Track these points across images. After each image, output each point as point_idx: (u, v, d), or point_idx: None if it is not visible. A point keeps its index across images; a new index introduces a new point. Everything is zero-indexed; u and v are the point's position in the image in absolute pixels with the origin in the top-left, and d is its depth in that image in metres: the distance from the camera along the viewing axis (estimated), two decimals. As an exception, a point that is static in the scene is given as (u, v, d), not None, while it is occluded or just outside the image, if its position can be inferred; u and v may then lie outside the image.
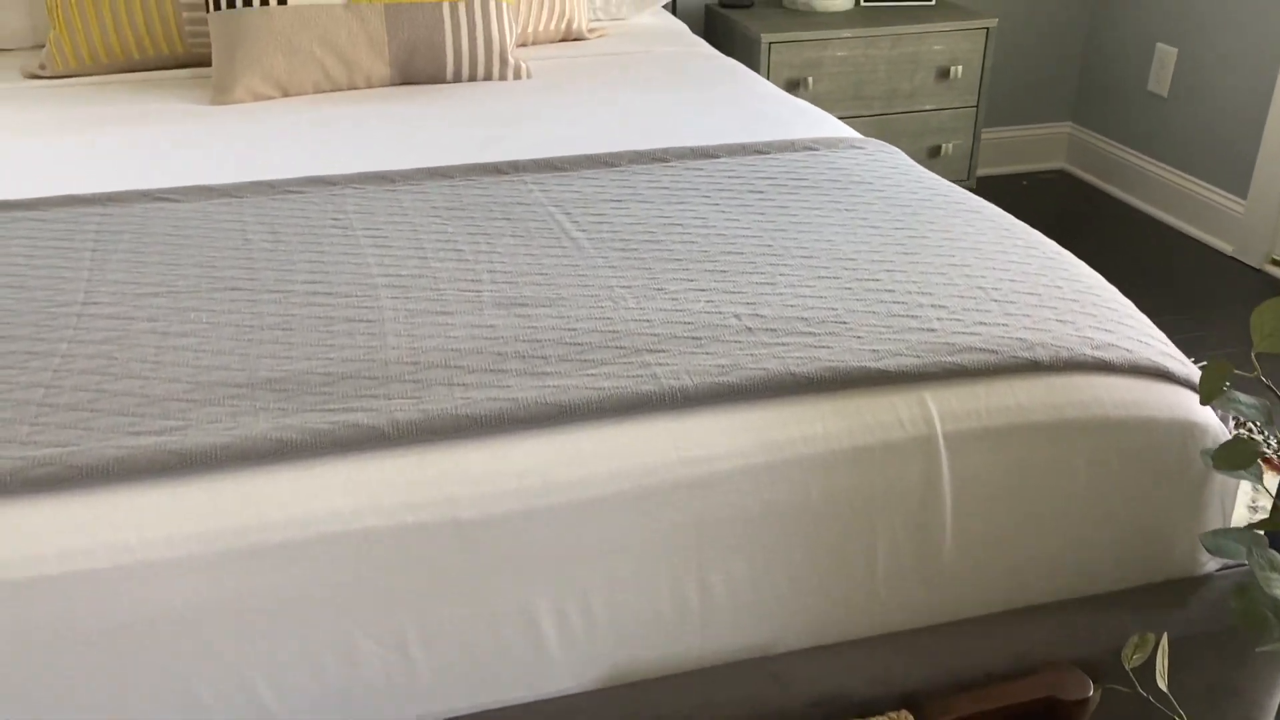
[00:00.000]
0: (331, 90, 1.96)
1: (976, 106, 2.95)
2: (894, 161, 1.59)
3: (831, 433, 1.01)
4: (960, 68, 2.88)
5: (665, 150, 1.59)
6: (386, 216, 1.38)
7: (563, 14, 2.25)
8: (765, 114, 1.82)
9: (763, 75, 2.75)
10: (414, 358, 1.04)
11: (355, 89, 1.97)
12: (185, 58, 2.08)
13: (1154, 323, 1.22)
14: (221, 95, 1.89)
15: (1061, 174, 3.59)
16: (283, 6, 1.86)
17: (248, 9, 1.85)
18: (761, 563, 1.02)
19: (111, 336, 1.07)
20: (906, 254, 1.27)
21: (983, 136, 3.26)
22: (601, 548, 0.97)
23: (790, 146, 1.62)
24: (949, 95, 2.92)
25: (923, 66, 2.87)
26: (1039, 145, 3.58)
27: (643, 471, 0.96)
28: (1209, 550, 0.99)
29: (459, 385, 1.00)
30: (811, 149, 1.62)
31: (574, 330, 1.08)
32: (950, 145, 2.97)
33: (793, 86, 2.79)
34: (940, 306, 1.14)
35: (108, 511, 0.87)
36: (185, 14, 2.02)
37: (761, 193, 1.46)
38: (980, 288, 1.19)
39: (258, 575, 0.89)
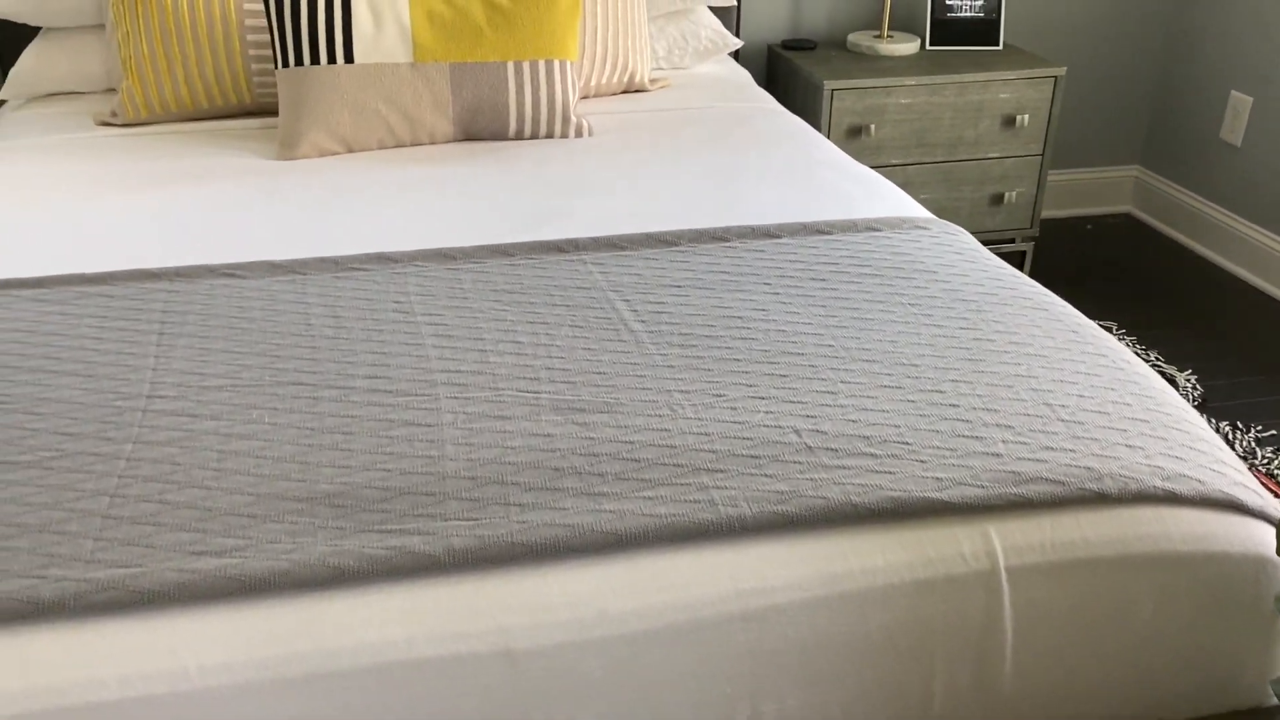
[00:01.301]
0: (395, 146, 1.97)
1: (1042, 155, 2.90)
2: (959, 246, 1.56)
3: (892, 565, 0.99)
4: (1027, 117, 2.83)
5: (726, 230, 1.58)
6: (448, 299, 1.38)
7: (625, 67, 2.25)
8: (828, 185, 1.80)
9: (825, 121, 2.72)
10: (471, 471, 1.04)
11: (419, 145, 1.98)
12: (252, 107, 2.11)
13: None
14: (287, 151, 1.91)
15: (1127, 218, 3.52)
16: (349, 65, 1.88)
17: (315, 67, 1.87)
18: (816, 693, 1.01)
19: (175, 437, 1.08)
20: (971, 360, 1.25)
21: (1048, 178, 3.20)
22: (654, 678, 0.96)
23: (853, 227, 1.60)
24: (1014, 143, 2.87)
25: (988, 114, 2.82)
26: (1105, 188, 3.51)
27: (698, 604, 0.95)
28: (1279, 697, 0.96)
29: (515, 505, 0.99)
30: (875, 230, 1.60)
31: (631, 444, 1.08)
32: (1014, 193, 2.92)
33: (855, 133, 2.76)
34: (1006, 426, 1.12)
35: (167, 636, 0.88)
36: (254, 65, 2.04)
37: (823, 280, 1.44)
38: (1047, 404, 1.16)
39: (312, 702, 0.89)
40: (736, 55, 2.96)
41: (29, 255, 1.52)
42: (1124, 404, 1.18)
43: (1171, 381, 2.56)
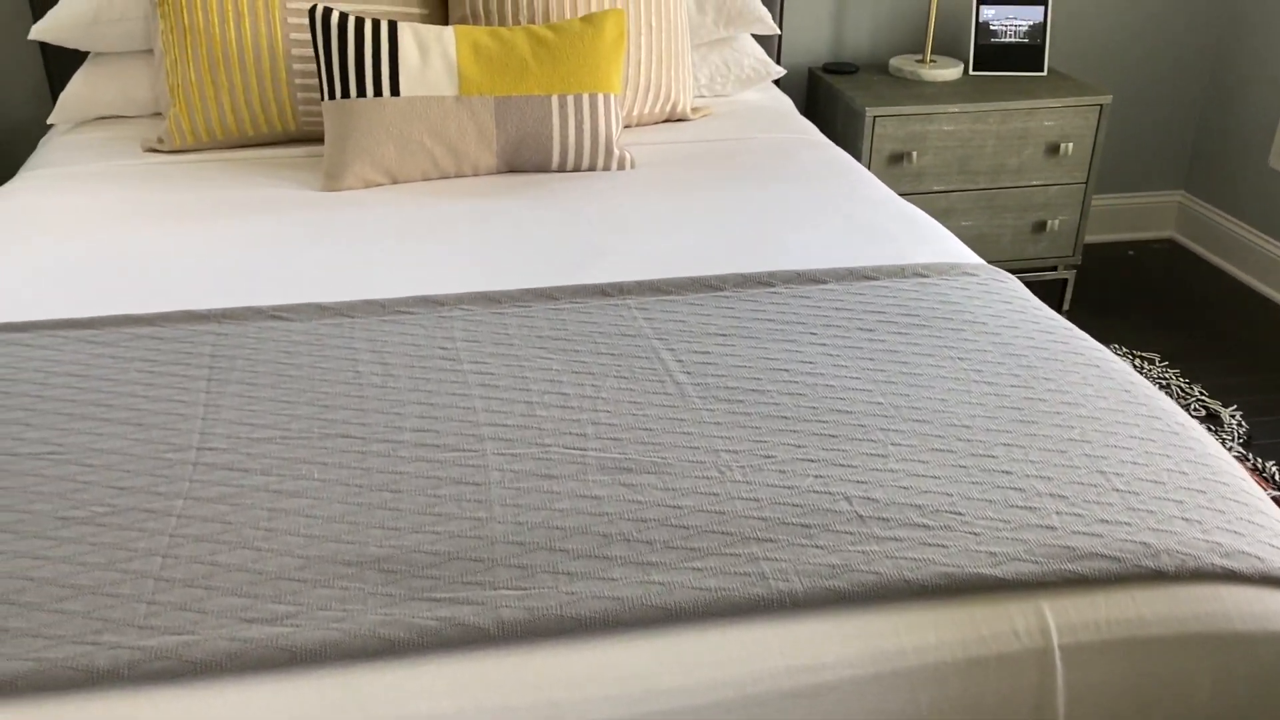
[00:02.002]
0: (439, 178, 1.97)
1: (1086, 183, 2.86)
2: (1007, 295, 1.55)
3: (944, 642, 0.98)
4: (1071, 145, 2.80)
5: (771, 274, 1.57)
6: (493, 347, 1.38)
7: (668, 97, 2.24)
8: (873, 225, 1.79)
9: (866, 148, 2.70)
10: (519, 535, 1.03)
11: (462, 177, 1.98)
12: (297, 134, 2.12)
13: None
14: (332, 182, 1.92)
15: (1170, 243, 3.47)
16: (395, 98, 1.88)
17: (361, 99, 1.88)
18: (863, 768, 0.99)
19: (225, 493, 1.09)
20: (1023, 421, 1.23)
21: (1092, 203, 3.16)
22: (702, 754, 0.95)
23: (900, 273, 1.59)
24: (1058, 171, 2.84)
25: (1032, 142, 2.79)
26: (1148, 213, 3.47)
27: (748, 680, 0.94)
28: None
29: (564, 574, 0.99)
30: (922, 276, 1.58)
31: (679, 509, 1.07)
32: (1056, 221, 2.89)
33: (896, 160, 2.74)
34: (1060, 496, 1.10)
35: (217, 705, 0.89)
36: (300, 94, 2.05)
37: (871, 330, 1.43)
38: (1101, 472, 1.15)
39: (361, 775, 0.89)
40: (778, 79, 2.94)
41: (79, 290, 1.54)
42: (1180, 472, 1.16)
43: (1216, 418, 2.53)
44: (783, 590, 0.97)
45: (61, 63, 2.51)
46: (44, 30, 2.15)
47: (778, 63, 2.88)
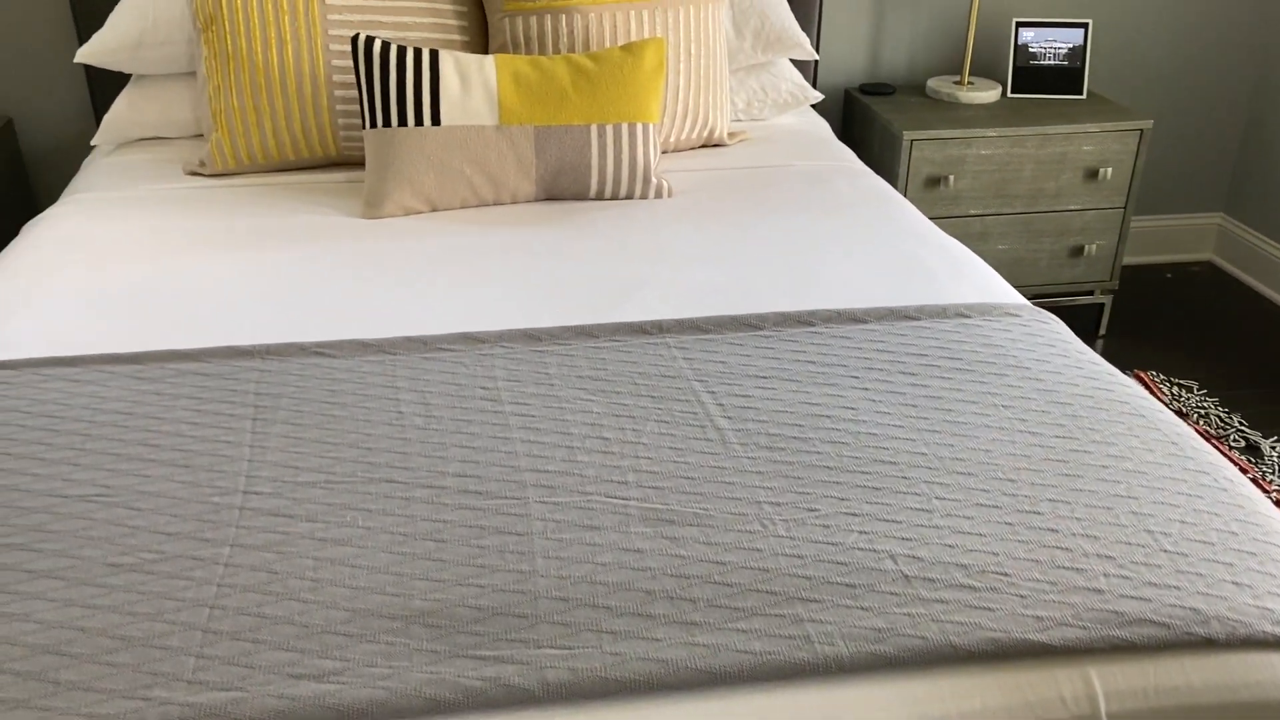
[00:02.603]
0: (478, 205, 1.98)
1: (1124, 207, 2.84)
2: (1050, 337, 1.53)
3: (990, 709, 0.97)
4: (1110, 170, 2.77)
5: (811, 313, 1.56)
6: (534, 387, 1.38)
7: (705, 123, 2.24)
8: (913, 260, 1.78)
9: (903, 171, 2.69)
10: (562, 591, 1.03)
11: (500, 204, 1.99)
12: (337, 158, 2.13)
13: None
14: (372, 210, 1.93)
15: (1209, 266, 3.43)
16: (436, 127, 1.89)
17: (402, 128, 1.89)
18: (906, 833, 0.99)
19: (272, 540, 1.09)
20: (1069, 475, 1.22)
21: (1130, 225, 3.12)
22: (745, 818, 0.95)
23: (942, 313, 1.58)
24: (1096, 196, 2.81)
25: (1070, 166, 2.77)
26: (1187, 235, 3.44)
27: (792, 745, 0.94)
28: None
29: (607, 633, 0.99)
30: (965, 316, 1.57)
31: (723, 565, 1.07)
32: (1094, 246, 2.86)
33: (933, 183, 2.72)
34: (1107, 557, 1.09)
35: (267, 763, 0.89)
36: (341, 120, 2.06)
37: (913, 375, 1.42)
38: (1149, 531, 1.13)
39: (406, 835, 0.89)
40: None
41: (124, 321, 1.55)
42: (1229, 532, 1.14)
43: (1256, 449, 2.50)
44: (828, 655, 0.97)
45: (105, 81, 2.54)
46: (89, 54, 2.17)
47: (814, 83, 2.87)
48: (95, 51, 2.17)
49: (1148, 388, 2.72)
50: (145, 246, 1.79)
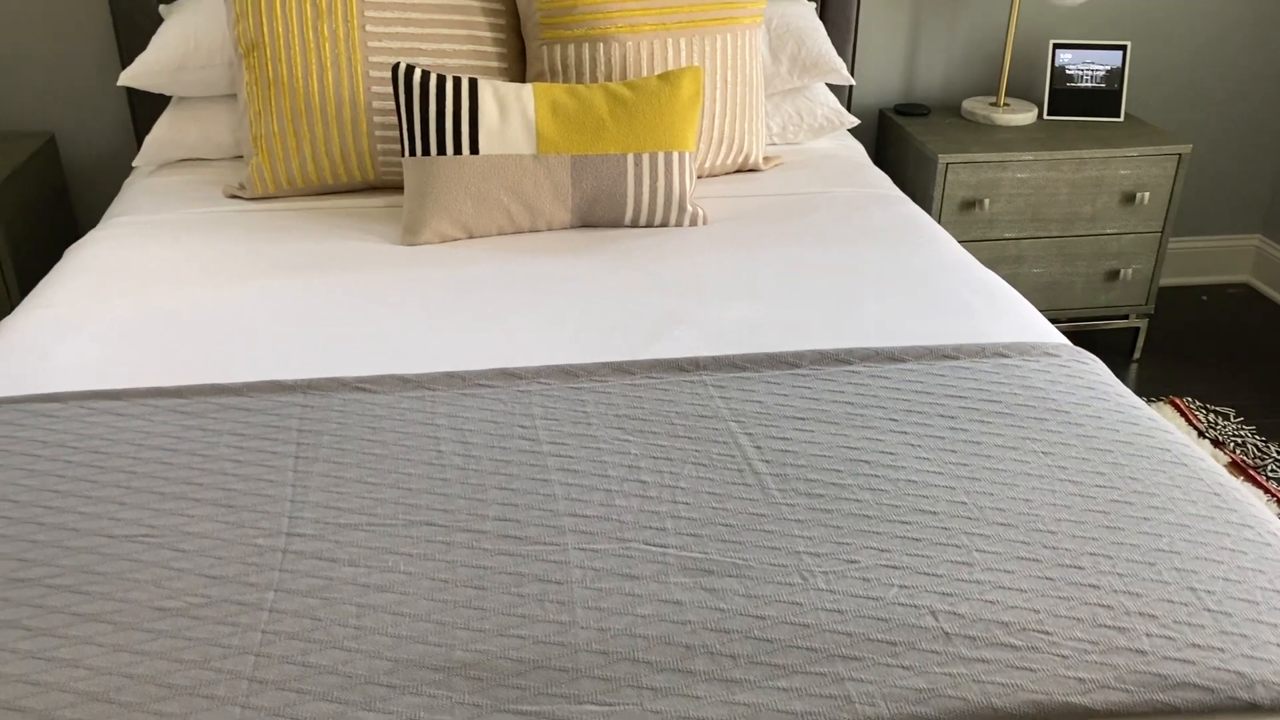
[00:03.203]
0: (514, 232, 1.99)
1: (1161, 232, 2.81)
2: (1090, 379, 1.52)
3: (1030, 773, 0.97)
4: (1147, 194, 2.75)
5: (849, 351, 1.56)
6: (571, 426, 1.39)
7: (741, 149, 2.24)
8: (949, 294, 1.77)
9: (937, 194, 2.68)
10: (602, 644, 1.04)
11: (536, 232, 2.00)
12: (375, 182, 2.15)
13: None
14: (410, 236, 1.94)
15: (1246, 288, 3.40)
16: (475, 156, 1.90)
17: (441, 157, 1.90)
18: None
19: (315, 586, 1.11)
20: (1110, 528, 1.21)
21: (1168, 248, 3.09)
22: None
23: (981, 352, 1.57)
24: (1133, 220, 2.79)
25: (1106, 190, 2.75)
26: (1224, 257, 3.40)
27: (832, 807, 0.94)
28: None
29: (647, 690, 0.99)
30: (1004, 356, 1.56)
31: (762, 619, 1.07)
32: (1130, 270, 2.84)
33: (968, 206, 2.71)
34: (1149, 616, 1.09)
35: (312, 817, 0.90)
36: (379, 145, 2.08)
37: (953, 418, 1.41)
38: (1191, 588, 1.13)
39: None
40: (849, 109, 2.92)
41: (166, 350, 1.57)
42: (1274, 590, 1.13)
43: (1294, 480, 2.47)
44: (869, 716, 0.97)
45: (145, 97, 2.57)
46: (132, 76, 2.20)
47: (849, 103, 2.86)
48: (138, 74, 2.20)
49: (1183, 414, 2.69)
50: (186, 273, 1.81)
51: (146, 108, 2.57)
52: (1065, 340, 1.67)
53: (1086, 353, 1.61)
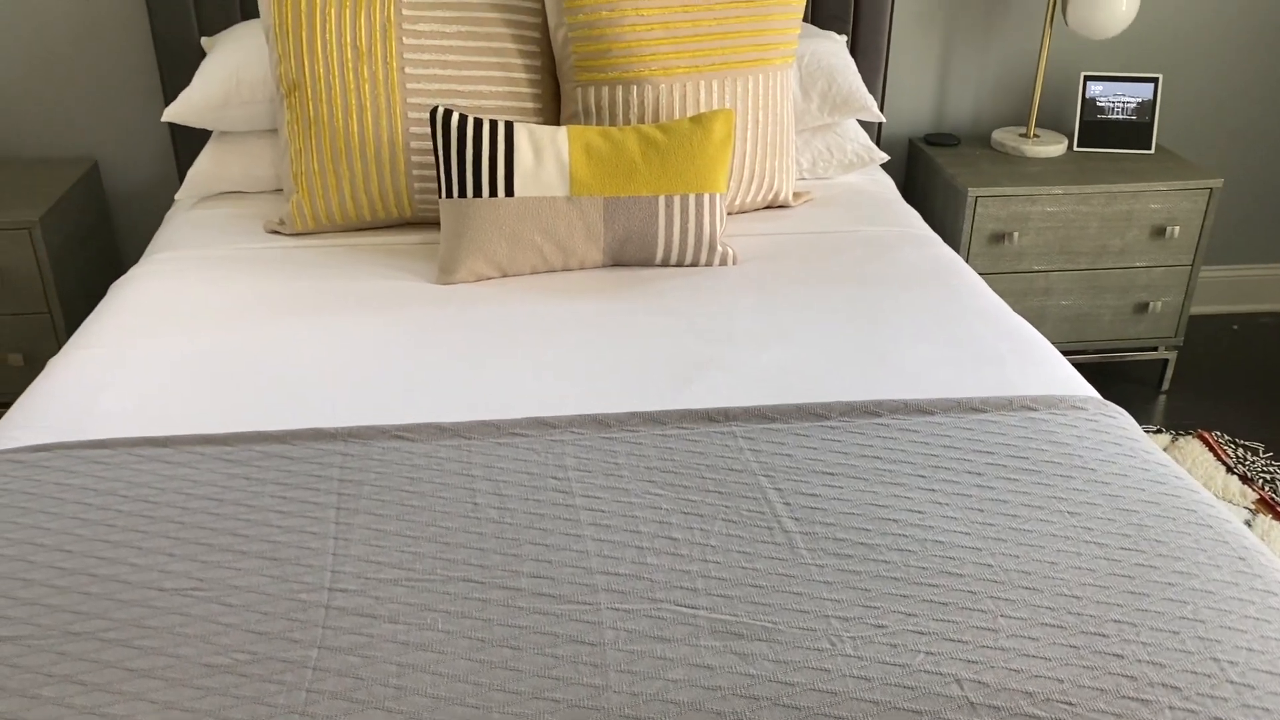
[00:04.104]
0: (546, 271, 2.02)
1: (1191, 265, 2.81)
2: (1117, 434, 1.54)
3: (1053, 846, 0.99)
4: (1178, 228, 2.75)
5: (878, 404, 1.58)
6: (604, 478, 1.42)
7: (771, 186, 2.26)
8: (978, 341, 1.79)
9: (967, 227, 2.69)
10: (635, 709, 1.07)
11: (568, 270, 2.03)
12: (411, 219, 2.19)
13: None
14: (446, 276, 1.98)
15: (1278, 317, 3.39)
16: (510, 198, 1.93)
17: (477, 199, 1.94)
18: None
19: (356, 643, 1.14)
20: (1134, 593, 1.23)
21: (1200, 275, 3.08)
22: None
23: (1009, 405, 1.59)
24: (1163, 253, 2.79)
25: (1136, 224, 2.75)
26: (1258, 286, 3.39)
27: None
28: None
29: (681, 757, 1.02)
30: (1030, 409, 1.58)
31: (791, 686, 1.10)
32: (1159, 303, 2.84)
33: (997, 239, 2.72)
34: (1172, 688, 1.10)
35: None
36: (416, 184, 2.12)
37: (980, 475, 1.43)
38: (1214, 659, 1.14)
39: None
40: (879, 140, 2.94)
41: (209, 393, 1.62)
42: (1297, 662, 1.15)
43: (1323, 520, 2.46)
44: (895, 788, 0.99)
45: (186, 131, 2.62)
46: (176, 113, 2.25)
47: (880, 133, 2.88)
48: (182, 111, 2.25)
49: (1211, 449, 2.69)
50: (228, 313, 1.85)
51: (188, 134, 2.63)
52: (1093, 392, 1.68)
53: (1114, 406, 1.62)
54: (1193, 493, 1.43)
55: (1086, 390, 1.69)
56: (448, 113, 1.95)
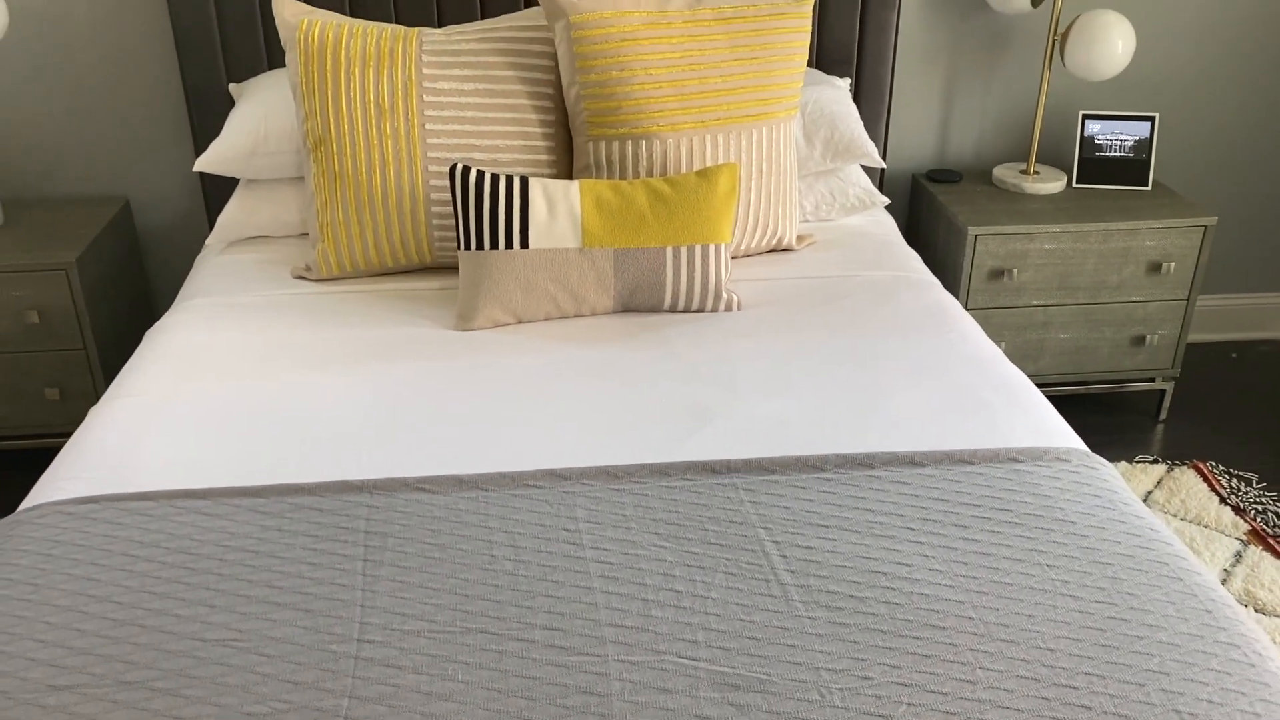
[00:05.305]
0: (560, 318, 2.12)
1: (1187, 299, 2.89)
2: (1098, 486, 1.63)
3: None
4: (1173, 264, 2.83)
5: (871, 456, 1.67)
6: (612, 530, 1.52)
7: (774, 232, 2.36)
8: (969, 391, 1.88)
9: (967, 263, 2.78)
10: (640, 757, 1.17)
11: (580, 317, 2.13)
12: (431, 264, 2.29)
13: None
14: (464, 323, 2.08)
15: (1277, 345, 3.46)
16: (525, 250, 2.04)
17: (494, 251, 2.04)
18: None
19: (384, 694, 1.24)
20: (1105, 646, 1.32)
21: (1197, 304, 3.15)
22: None
23: (995, 457, 1.68)
24: (1159, 288, 2.87)
25: (1133, 260, 2.83)
26: (1255, 314, 3.46)
27: None
28: None
29: (680, 804, 1.12)
30: (1016, 461, 1.67)
31: (783, 736, 1.19)
32: (1155, 335, 2.92)
33: (997, 275, 2.80)
34: (1136, 740, 1.19)
35: None
36: (436, 233, 2.22)
37: (965, 527, 1.53)
38: (1176, 710, 1.23)
39: None
40: (881, 183, 3.03)
41: (243, 444, 1.72)
42: (1253, 714, 1.23)
43: (1312, 550, 2.54)
44: (875, 835, 1.09)
45: (215, 184, 2.74)
46: (207, 163, 2.36)
47: (882, 173, 2.97)
48: (212, 161, 2.36)
49: (1206, 480, 2.77)
50: (259, 362, 1.96)
51: (215, 188, 2.74)
52: (1079, 442, 1.77)
53: (1097, 458, 1.71)
54: (1166, 545, 1.52)
55: (1072, 441, 1.78)
56: (466, 169, 2.05)
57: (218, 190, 2.77)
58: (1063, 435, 1.79)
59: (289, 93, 2.43)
